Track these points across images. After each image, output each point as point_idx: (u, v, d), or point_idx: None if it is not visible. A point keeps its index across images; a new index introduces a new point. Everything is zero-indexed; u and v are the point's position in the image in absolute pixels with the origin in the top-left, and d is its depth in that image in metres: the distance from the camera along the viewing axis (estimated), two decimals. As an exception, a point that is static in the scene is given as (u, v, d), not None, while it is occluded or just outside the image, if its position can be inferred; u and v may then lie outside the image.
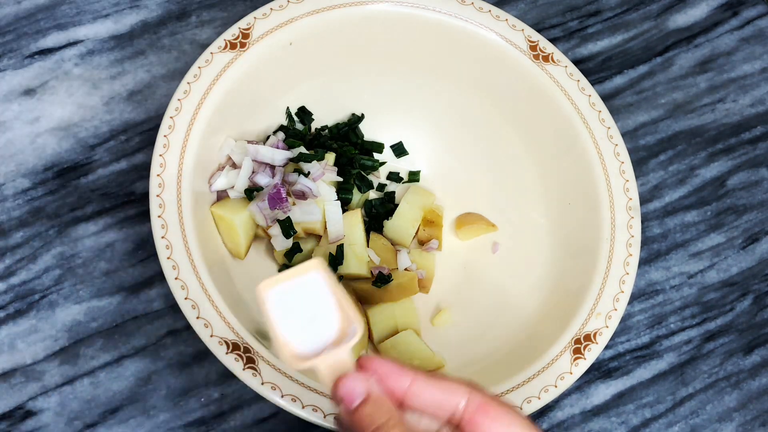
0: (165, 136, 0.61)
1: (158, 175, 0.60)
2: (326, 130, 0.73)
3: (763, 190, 0.83)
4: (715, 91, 0.87)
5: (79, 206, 0.71)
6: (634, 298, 0.76)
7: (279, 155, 0.68)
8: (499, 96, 0.72)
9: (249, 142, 0.68)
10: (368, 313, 0.67)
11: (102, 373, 0.67)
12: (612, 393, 0.73)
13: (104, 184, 0.72)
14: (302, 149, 0.69)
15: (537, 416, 0.71)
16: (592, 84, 0.73)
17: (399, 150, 0.75)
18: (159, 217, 0.59)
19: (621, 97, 0.85)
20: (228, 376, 0.67)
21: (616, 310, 0.63)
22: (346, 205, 0.70)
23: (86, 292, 0.69)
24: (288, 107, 0.72)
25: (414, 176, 0.75)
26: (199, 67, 0.64)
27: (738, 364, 0.76)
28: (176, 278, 0.57)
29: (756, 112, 0.86)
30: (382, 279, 0.68)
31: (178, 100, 0.63)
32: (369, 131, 0.74)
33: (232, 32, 0.66)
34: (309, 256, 0.68)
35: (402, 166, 0.75)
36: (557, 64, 0.71)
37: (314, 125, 0.73)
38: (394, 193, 0.74)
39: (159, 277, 0.70)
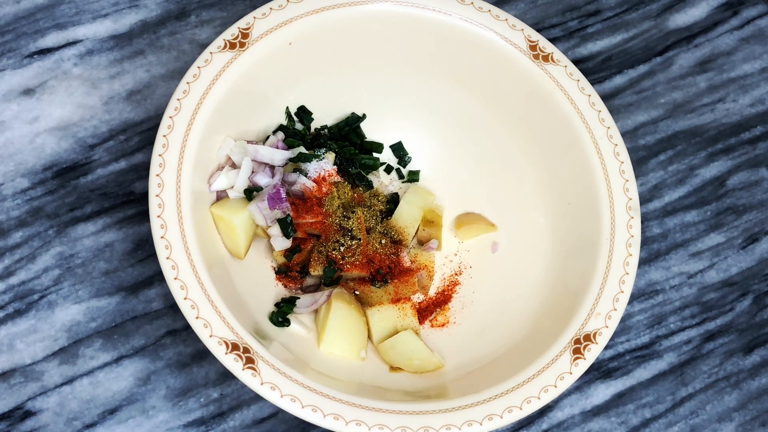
0: (164, 135, 0.61)
1: (157, 175, 0.60)
2: (326, 130, 0.73)
3: (763, 190, 0.83)
4: (715, 91, 0.87)
5: (78, 206, 0.71)
6: (634, 298, 0.76)
7: (278, 155, 0.68)
8: (499, 95, 0.72)
9: (248, 142, 0.68)
10: (368, 313, 0.67)
11: (101, 373, 0.67)
12: (612, 393, 0.73)
13: (103, 184, 0.72)
14: (302, 149, 0.68)
15: (537, 416, 0.71)
16: (592, 84, 0.73)
17: (399, 150, 0.75)
18: (158, 216, 0.59)
19: (621, 97, 0.85)
20: (227, 376, 0.67)
21: (616, 310, 0.63)
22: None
23: (85, 292, 0.69)
24: (287, 107, 0.72)
25: (414, 176, 0.75)
26: (198, 67, 0.64)
27: (738, 364, 0.76)
28: (175, 278, 0.57)
29: (756, 112, 0.86)
30: (381, 279, 0.68)
31: (178, 99, 0.62)
32: (368, 131, 0.74)
33: (231, 32, 0.65)
34: (309, 257, 0.68)
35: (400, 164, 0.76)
36: (557, 63, 0.70)
37: (314, 125, 0.73)
38: (396, 193, 0.74)
39: (158, 277, 0.70)
